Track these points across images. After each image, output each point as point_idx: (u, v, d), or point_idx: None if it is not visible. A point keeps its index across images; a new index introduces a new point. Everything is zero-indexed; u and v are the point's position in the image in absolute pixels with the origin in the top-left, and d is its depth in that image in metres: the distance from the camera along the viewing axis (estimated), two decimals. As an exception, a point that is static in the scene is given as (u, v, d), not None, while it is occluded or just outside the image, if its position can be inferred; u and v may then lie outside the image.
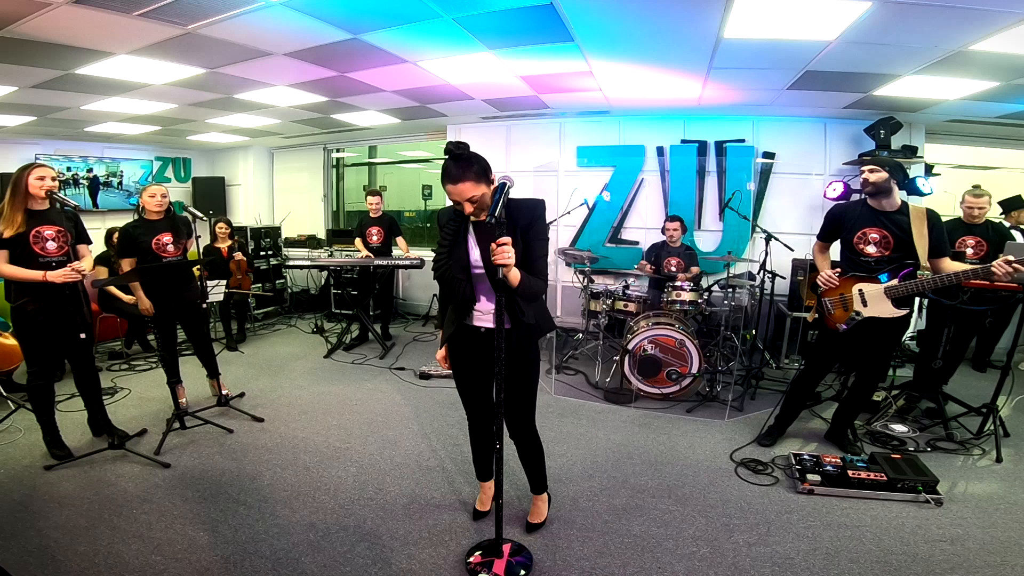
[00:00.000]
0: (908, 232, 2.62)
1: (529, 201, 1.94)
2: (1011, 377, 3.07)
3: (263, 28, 3.03)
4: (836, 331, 2.84)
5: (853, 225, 2.77)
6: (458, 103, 5.03)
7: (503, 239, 1.69)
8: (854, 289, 2.75)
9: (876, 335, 2.76)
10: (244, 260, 5.50)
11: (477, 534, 2.24)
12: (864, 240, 2.74)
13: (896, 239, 2.66)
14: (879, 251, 2.70)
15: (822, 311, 2.90)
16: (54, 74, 3.71)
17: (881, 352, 2.83)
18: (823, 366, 3.00)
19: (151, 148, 7.26)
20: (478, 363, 2.08)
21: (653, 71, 3.88)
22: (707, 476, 2.76)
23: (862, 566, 2.04)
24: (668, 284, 4.11)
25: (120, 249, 3.31)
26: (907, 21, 2.66)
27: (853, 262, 2.79)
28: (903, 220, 2.65)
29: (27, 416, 3.12)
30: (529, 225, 1.89)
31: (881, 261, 2.70)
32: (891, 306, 2.66)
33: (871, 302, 2.71)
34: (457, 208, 1.88)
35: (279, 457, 2.92)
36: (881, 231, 2.69)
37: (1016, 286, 3.12)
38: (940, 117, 4.67)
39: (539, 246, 1.91)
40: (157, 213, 3.33)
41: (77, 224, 2.85)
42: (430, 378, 4.27)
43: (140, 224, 3.32)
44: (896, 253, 2.67)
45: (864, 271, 2.74)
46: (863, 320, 2.73)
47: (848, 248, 2.82)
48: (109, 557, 2.04)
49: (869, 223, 2.72)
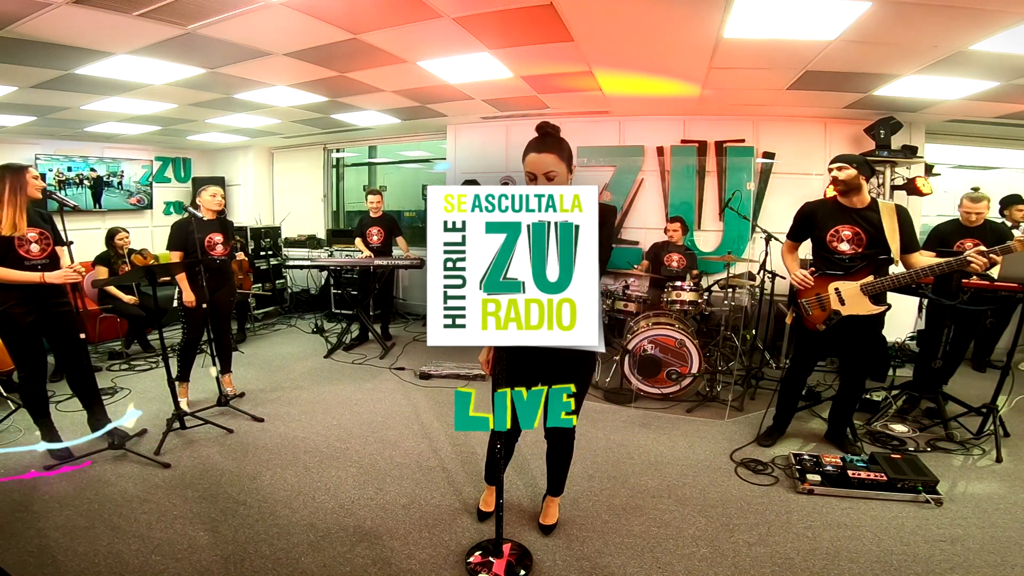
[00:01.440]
0: (880, 228, 2.66)
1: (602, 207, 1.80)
2: (1011, 377, 3.07)
3: (263, 28, 3.03)
4: (815, 331, 2.85)
5: (825, 223, 2.78)
6: (458, 103, 5.03)
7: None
8: (830, 288, 2.77)
9: (857, 332, 2.79)
10: (246, 260, 5.51)
11: (477, 534, 2.24)
12: (837, 238, 2.75)
13: (869, 236, 2.68)
14: (852, 248, 2.72)
15: (800, 312, 2.91)
16: (54, 74, 3.72)
17: (864, 348, 2.85)
18: (807, 365, 3.02)
19: (151, 148, 7.26)
20: (525, 369, 1.96)
21: (653, 71, 3.88)
22: (707, 476, 2.76)
23: (862, 566, 2.04)
24: (668, 284, 4.11)
25: (172, 241, 3.44)
26: (907, 21, 2.66)
27: (827, 260, 2.80)
28: (874, 216, 2.68)
29: (27, 416, 3.11)
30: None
31: (855, 258, 2.72)
32: (869, 303, 2.69)
33: (848, 300, 2.73)
34: None
35: (279, 457, 2.92)
36: (853, 228, 2.71)
37: (1016, 286, 3.12)
38: (940, 117, 4.67)
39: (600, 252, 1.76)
40: (212, 212, 3.49)
41: (54, 226, 2.79)
42: (430, 378, 4.27)
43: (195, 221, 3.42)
44: (869, 250, 2.70)
45: (839, 269, 2.76)
46: (842, 318, 2.75)
47: (821, 247, 2.83)
48: (109, 557, 2.04)
49: (841, 221, 2.74)
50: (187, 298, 3.42)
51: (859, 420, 3.32)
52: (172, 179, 7.62)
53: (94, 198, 6.61)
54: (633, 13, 2.81)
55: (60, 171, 6.23)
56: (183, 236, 3.41)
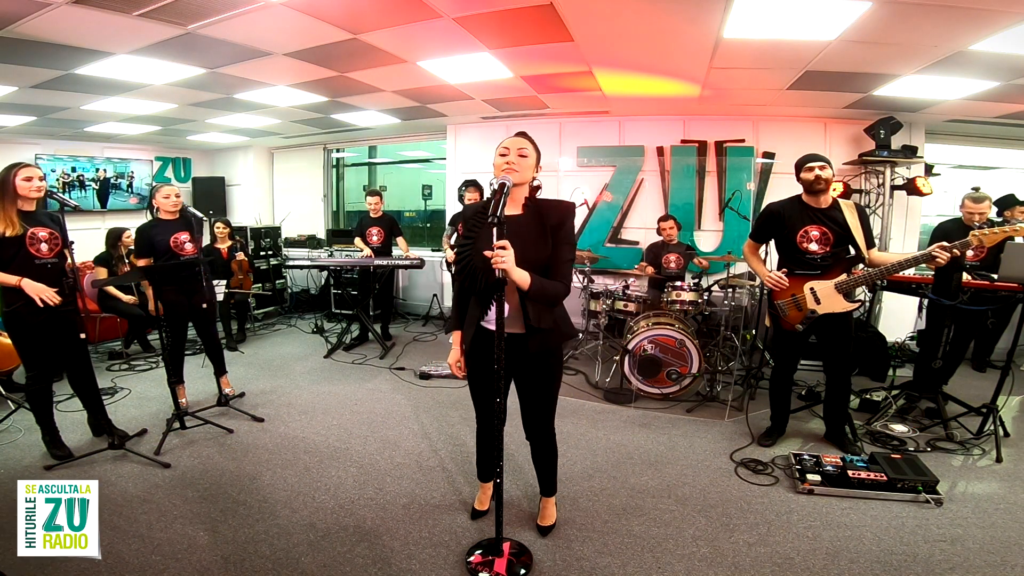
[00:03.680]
0: (846, 227, 2.72)
1: (561, 202, 1.92)
2: (1011, 377, 3.07)
3: (263, 28, 3.03)
4: (792, 331, 2.89)
5: (793, 224, 2.81)
6: (458, 103, 5.03)
7: (501, 242, 1.69)
8: (806, 288, 2.80)
9: (833, 329, 2.83)
10: (246, 260, 5.51)
11: (477, 534, 2.24)
12: (807, 238, 2.79)
13: (835, 235, 2.74)
14: (821, 248, 2.77)
15: (776, 313, 2.93)
16: (54, 74, 3.72)
17: (843, 344, 2.87)
18: (790, 364, 3.05)
19: (151, 148, 7.26)
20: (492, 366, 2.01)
21: (653, 71, 3.88)
22: (707, 476, 2.76)
23: (862, 566, 2.04)
24: (668, 284, 4.11)
25: (138, 249, 3.38)
26: (907, 21, 2.66)
27: (798, 261, 2.83)
28: (838, 215, 2.74)
29: (27, 416, 3.12)
30: (558, 226, 1.86)
31: (826, 257, 2.77)
32: (843, 300, 2.76)
33: (824, 299, 2.77)
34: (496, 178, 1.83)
35: (279, 457, 2.92)
36: (820, 228, 2.76)
37: (1016, 286, 3.12)
38: (940, 117, 4.67)
39: (566, 250, 1.88)
40: (172, 213, 3.40)
41: (62, 226, 2.78)
42: (430, 378, 4.27)
43: (156, 224, 3.37)
44: (836, 248, 2.77)
45: (809, 269, 2.80)
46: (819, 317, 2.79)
47: (790, 247, 2.85)
48: (109, 557, 2.03)
49: (809, 221, 2.78)
50: (151, 307, 3.38)
51: (859, 420, 3.32)
52: (172, 179, 7.62)
53: (100, 200, 6.60)
54: (633, 13, 2.81)
55: (65, 171, 6.21)
56: (147, 241, 3.32)
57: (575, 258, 1.94)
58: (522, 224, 1.87)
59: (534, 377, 2.02)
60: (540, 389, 2.04)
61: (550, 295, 1.84)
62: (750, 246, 3.05)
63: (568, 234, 1.89)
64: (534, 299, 1.81)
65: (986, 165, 5.43)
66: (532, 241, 1.85)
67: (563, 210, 1.89)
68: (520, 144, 1.87)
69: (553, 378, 2.04)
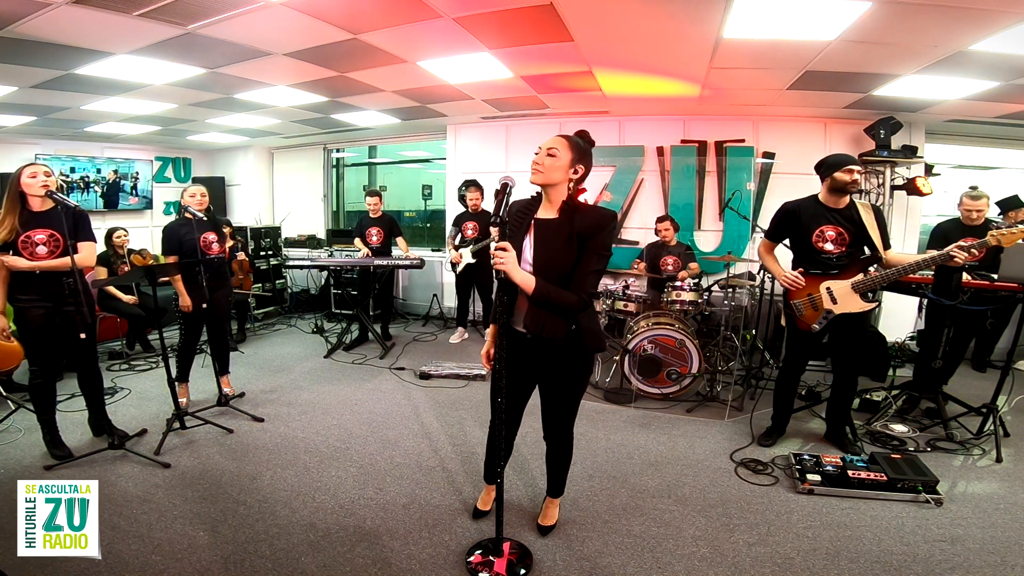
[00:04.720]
0: (861, 226, 2.72)
1: (599, 210, 1.84)
2: (1011, 377, 3.07)
3: (263, 28, 3.03)
4: (808, 331, 2.88)
5: (809, 224, 2.81)
6: (458, 103, 5.03)
7: (502, 243, 1.68)
8: (822, 288, 2.80)
9: (848, 329, 2.82)
10: (246, 260, 5.51)
11: (477, 534, 2.24)
12: (822, 238, 2.79)
13: (851, 235, 2.75)
14: (837, 248, 2.77)
15: (791, 313, 2.92)
16: (54, 74, 3.72)
17: (855, 344, 2.87)
18: (799, 365, 3.04)
19: (151, 148, 7.26)
20: (522, 367, 2.00)
21: (653, 71, 3.88)
22: (707, 476, 2.76)
23: (862, 566, 2.04)
24: (668, 284, 4.11)
25: (166, 245, 3.43)
26: (907, 21, 2.66)
27: (814, 260, 2.83)
28: (855, 215, 2.74)
29: (27, 416, 3.12)
30: (590, 235, 1.76)
31: (842, 257, 2.77)
32: (860, 300, 2.74)
33: (840, 299, 2.77)
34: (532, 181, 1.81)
35: (279, 457, 2.92)
36: (836, 228, 2.76)
37: (1016, 286, 3.12)
38: (940, 117, 4.67)
39: (594, 260, 1.78)
40: (199, 209, 3.44)
41: (78, 223, 2.77)
42: (430, 378, 4.27)
43: (185, 223, 3.40)
44: (852, 248, 2.77)
45: (825, 268, 2.80)
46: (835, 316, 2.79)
47: (806, 247, 2.85)
48: (109, 557, 2.03)
49: (825, 221, 2.78)
50: (183, 303, 3.40)
51: (859, 420, 3.32)
52: (172, 179, 7.62)
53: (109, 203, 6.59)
54: (633, 13, 2.81)
55: (63, 172, 6.21)
56: (176, 239, 3.39)
57: (603, 270, 1.85)
58: (552, 229, 1.81)
59: (560, 382, 1.99)
60: (564, 394, 2.03)
61: (557, 304, 1.76)
62: (765, 245, 3.04)
63: (600, 245, 1.78)
64: (538, 305, 1.79)
65: (986, 165, 5.43)
66: (559, 248, 1.79)
67: (598, 218, 1.79)
68: (552, 143, 1.80)
69: (577, 385, 2.02)
